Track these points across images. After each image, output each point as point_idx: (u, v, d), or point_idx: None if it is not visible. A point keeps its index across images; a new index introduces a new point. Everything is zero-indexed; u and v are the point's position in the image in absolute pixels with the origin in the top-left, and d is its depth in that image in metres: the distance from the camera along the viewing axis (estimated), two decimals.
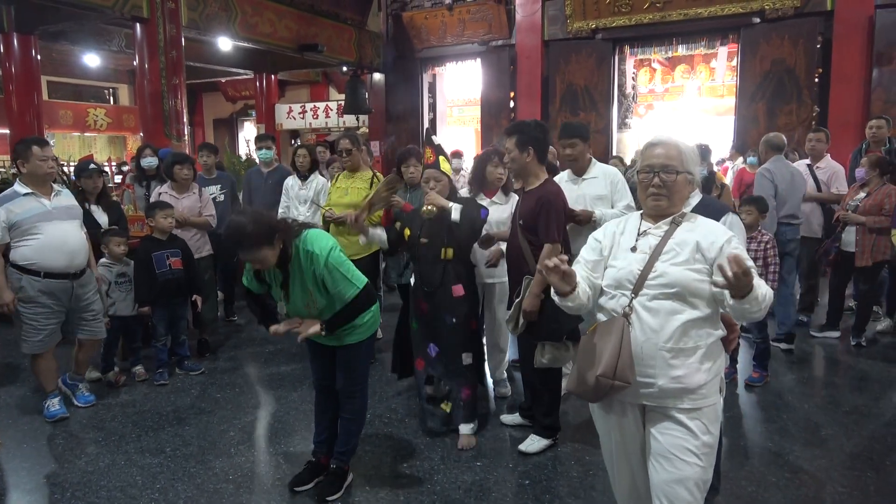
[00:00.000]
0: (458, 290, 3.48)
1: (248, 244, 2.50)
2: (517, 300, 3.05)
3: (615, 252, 2.09)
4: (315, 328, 2.71)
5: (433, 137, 3.65)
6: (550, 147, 3.99)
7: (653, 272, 1.96)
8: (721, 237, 1.96)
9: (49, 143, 3.84)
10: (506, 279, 3.95)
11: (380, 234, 3.64)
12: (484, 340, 4.09)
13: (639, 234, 2.06)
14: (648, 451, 2.03)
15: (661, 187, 2.01)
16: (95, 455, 3.43)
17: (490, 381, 4.25)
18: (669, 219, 2.03)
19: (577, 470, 3.20)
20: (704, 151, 4.19)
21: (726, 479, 3.01)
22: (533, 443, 3.38)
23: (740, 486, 3.02)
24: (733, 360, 4.34)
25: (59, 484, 3.13)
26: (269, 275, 2.79)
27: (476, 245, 3.71)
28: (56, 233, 3.73)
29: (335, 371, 2.99)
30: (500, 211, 3.93)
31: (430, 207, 3.39)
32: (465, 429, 3.49)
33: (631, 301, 1.97)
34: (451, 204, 3.44)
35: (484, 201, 3.92)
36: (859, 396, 4.11)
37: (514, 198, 4.04)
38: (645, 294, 1.96)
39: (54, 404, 3.90)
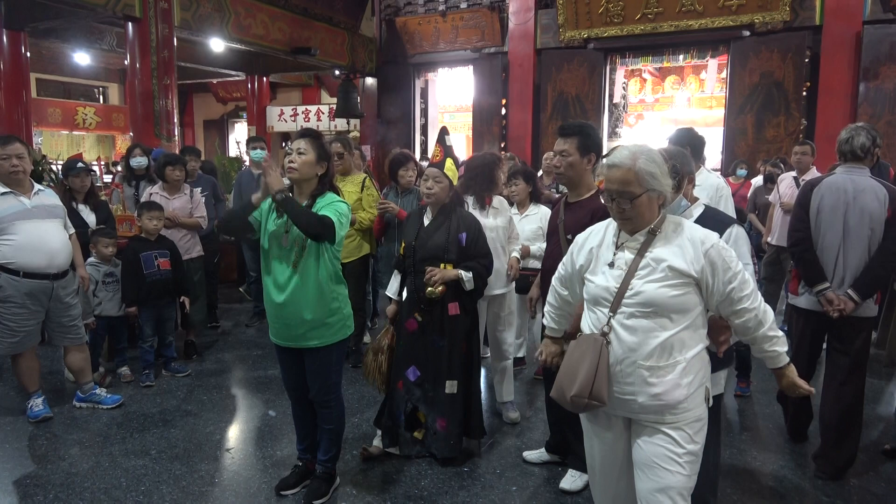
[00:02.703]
0: (454, 308, 3.24)
1: (312, 136, 2.81)
2: None
3: (594, 267, 2.07)
4: (278, 184, 2.65)
5: (447, 138, 3.35)
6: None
7: (629, 290, 1.93)
8: (700, 248, 1.91)
9: (13, 141, 3.68)
10: (514, 289, 3.86)
11: (396, 284, 3.45)
12: (485, 360, 3.92)
13: (616, 248, 2.02)
14: (634, 461, 2.03)
15: (623, 212, 1.96)
16: (79, 456, 3.40)
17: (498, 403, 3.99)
18: (645, 230, 1.98)
19: (563, 477, 3.20)
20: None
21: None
22: (575, 479, 3.07)
23: (725, 493, 3.04)
24: (745, 375, 4.30)
25: (41, 485, 3.09)
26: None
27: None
28: (35, 232, 3.66)
29: (306, 380, 2.92)
30: (500, 218, 3.76)
31: (434, 289, 3.15)
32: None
33: (609, 320, 1.96)
34: (460, 273, 3.18)
35: (484, 210, 3.73)
36: None
37: (506, 205, 3.91)
38: (623, 312, 1.94)
39: (37, 404, 3.85)
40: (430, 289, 3.16)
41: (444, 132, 3.37)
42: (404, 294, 3.36)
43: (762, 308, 1.97)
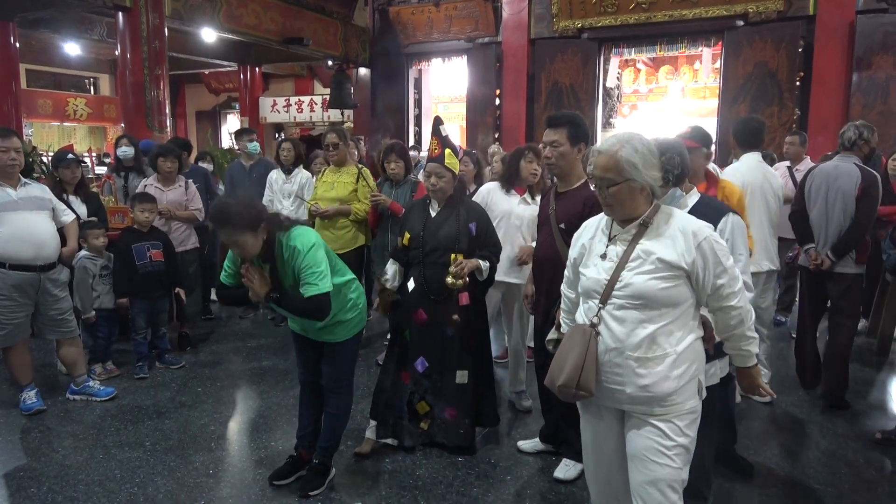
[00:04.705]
0: (464, 298, 3.24)
1: (231, 225, 2.50)
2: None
3: (586, 260, 2.08)
4: (264, 289, 2.59)
5: (441, 128, 3.28)
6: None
7: (619, 282, 1.93)
8: (692, 240, 1.90)
9: (12, 135, 3.70)
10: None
11: (392, 272, 3.42)
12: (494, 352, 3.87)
13: (609, 240, 2.02)
14: (627, 452, 2.03)
15: (603, 199, 1.98)
16: (73, 448, 3.39)
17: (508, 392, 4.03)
18: (637, 221, 1.96)
19: (557, 466, 3.22)
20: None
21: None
22: (569, 468, 3.08)
23: (718, 482, 3.05)
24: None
25: (35, 477, 3.09)
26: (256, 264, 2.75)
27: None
28: (22, 223, 3.63)
29: (320, 367, 2.97)
30: (530, 210, 3.77)
31: (456, 280, 3.13)
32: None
33: (598, 311, 1.96)
34: (478, 262, 3.20)
35: (514, 198, 3.79)
36: None
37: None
38: (612, 303, 1.94)
39: (30, 397, 3.84)
40: (458, 280, 3.13)
41: (437, 122, 3.33)
42: (410, 284, 3.32)
43: (746, 308, 1.98)
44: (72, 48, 12.07)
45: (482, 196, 3.90)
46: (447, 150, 3.22)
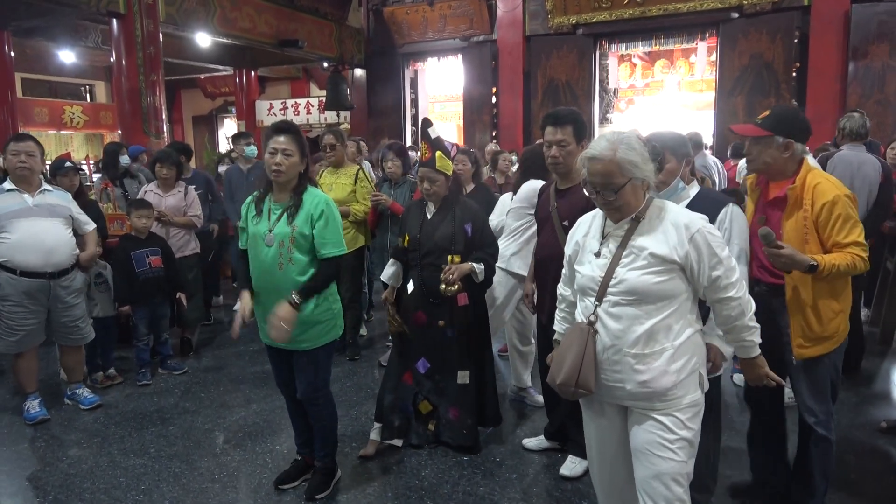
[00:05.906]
0: (463, 298, 3.22)
1: (292, 133, 2.73)
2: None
3: (580, 258, 2.07)
4: (287, 313, 2.60)
5: (429, 130, 3.23)
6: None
7: (613, 278, 1.93)
8: (684, 233, 1.90)
9: (26, 139, 3.73)
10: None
11: (393, 271, 3.41)
12: (497, 353, 3.91)
13: (603, 237, 2.01)
14: (631, 448, 2.03)
15: (609, 203, 1.94)
16: (78, 457, 3.39)
17: (516, 386, 4.01)
18: (629, 218, 1.97)
19: (563, 463, 3.21)
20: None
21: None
22: (574, 465, 3.08)
23: (724, 474, 3.05)
24: None
25: (40, 487, 3.08)
26: (267, 206, 2.78)
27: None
28: (32, 230, 3.63)
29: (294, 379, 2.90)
30: None
31: (449, 287, 3.10)
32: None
33: (595, 309, 1.96)
34: (471, 265, 3.16)
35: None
36: (839, 386, 4.17)
37: None
38: (608, 300, 1.94)
39: (34, 406, 3.84)
40: (450, 287, 3.12)
41: (426, 125, 3.29)
42: (409, 286, 3.32)
43: (746, 298, 1.97)
44: (67, 56, 12.04)
45: (533, 194, 3.62)
46: (438, 153, 3.17)
